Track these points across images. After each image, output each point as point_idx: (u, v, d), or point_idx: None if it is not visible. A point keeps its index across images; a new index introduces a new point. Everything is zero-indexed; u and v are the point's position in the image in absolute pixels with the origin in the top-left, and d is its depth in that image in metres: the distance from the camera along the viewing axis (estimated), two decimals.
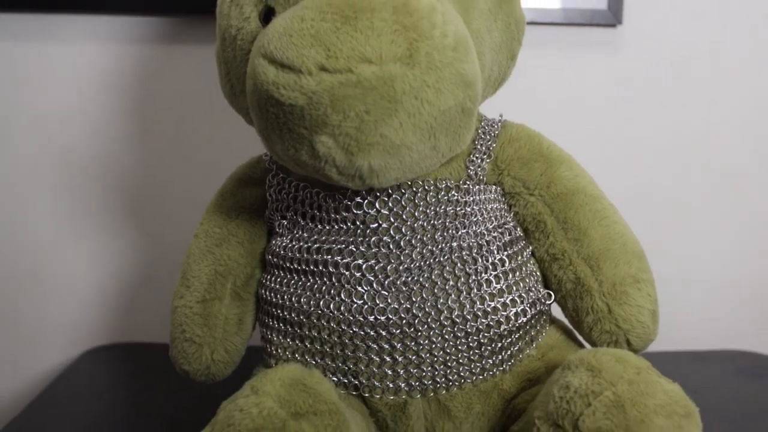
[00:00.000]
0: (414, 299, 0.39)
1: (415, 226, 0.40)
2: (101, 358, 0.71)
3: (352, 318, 0.39)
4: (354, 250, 0.40)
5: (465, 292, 0.39)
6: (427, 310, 0.38)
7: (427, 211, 0.40)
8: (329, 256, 0.40)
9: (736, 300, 0.75)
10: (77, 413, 0.59)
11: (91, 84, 0.70)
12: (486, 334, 0.39)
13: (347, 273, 0.39)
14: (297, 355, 0.42)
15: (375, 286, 0.39)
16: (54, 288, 0.74)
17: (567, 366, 0.35)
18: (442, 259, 0.39)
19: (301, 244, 0.41)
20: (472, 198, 0.41)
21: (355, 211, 0.40)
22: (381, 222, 0.40)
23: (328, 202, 0.41)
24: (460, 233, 0.40)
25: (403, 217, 0.40)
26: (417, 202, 0.40)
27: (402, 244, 0.39)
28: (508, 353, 0.41)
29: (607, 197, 0.44)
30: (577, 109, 0.71)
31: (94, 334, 0.75)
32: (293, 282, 0.41)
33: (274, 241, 0.44)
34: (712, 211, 0.73)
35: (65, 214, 0.73)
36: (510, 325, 0.40)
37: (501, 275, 0.40)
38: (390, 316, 0.38)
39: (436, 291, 0.39)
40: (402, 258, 0.39)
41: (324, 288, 0.40)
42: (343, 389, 0.41)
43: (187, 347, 0.45)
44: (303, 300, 0.40)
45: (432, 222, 0.40)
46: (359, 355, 0.39)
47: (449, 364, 0.39)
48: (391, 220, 0.40)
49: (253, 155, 0.48)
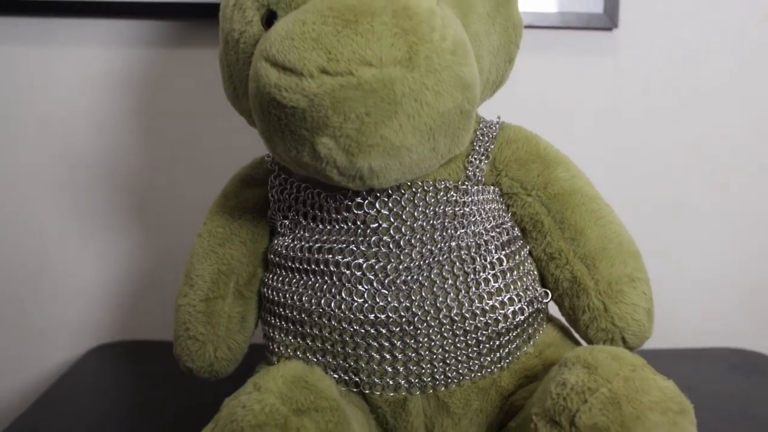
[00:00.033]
0: (413, 298, 0.39)
1: (415, 225, 0.40)
2: (106, 356, 0.71)
3: (352, 316, 0.39)
4: (354, 249, 0.40)
5: (463, 291, 0.39)
6: (426, 308, 0.38)
7: (427, 211, 0.40)
8: (330, 256, 0.40)
9: (729, 299, 0.75)
10: (83, 410, 0.60)
11: (96, 87, 0.70)
12: (484, 332, 0.39)
13: (348, 272, 0.39)
14: (299, 353, 0.42)
15: (375, 284, 0.39)
16: (59, 287, 0.74)
17: (564, 363, 0.35)
18: (441, 258, 0.39)
19: (303, 243, 0.41)
20: (470, 198, 0.41)
21: (355, 211, 0.40)
22: (381, 222, 0.40)
23: (329, 203, 0.41)
24: (458, 233, 0.40)
25: (403, 217, 0.40)
26: (416, 202, 0.40)
27: (402, 243, 0.39)
28: (506, 351, 0.41)
29: (603, 198, 0.44)
30: (573, 110, 0.71)
31: (99, 332, 0.75)
32: (295, 281, 0.41)
33: (276, 241, 0.44)
34: (706, 211, 0.73)
35: (71, 215, 0.73)
36: (508, 323, 0.40)
37: (499, 274, 0.40)
38: (390, 315, 0.38)
39: (435, 290, 0.39)
40: (402, 257, 0.39)
41: (325, 287, 0.40)
42: (344, 386, 0.41)
43: (191, 345, 0.45)
44: (304, 298, 0.40)
45: (431, 222, 0.40)
46: (360, 352, 0.39)
47: (448, 362, 0.39)
48: (391, 220, 0.40)
49: (256, 156, 0.48)
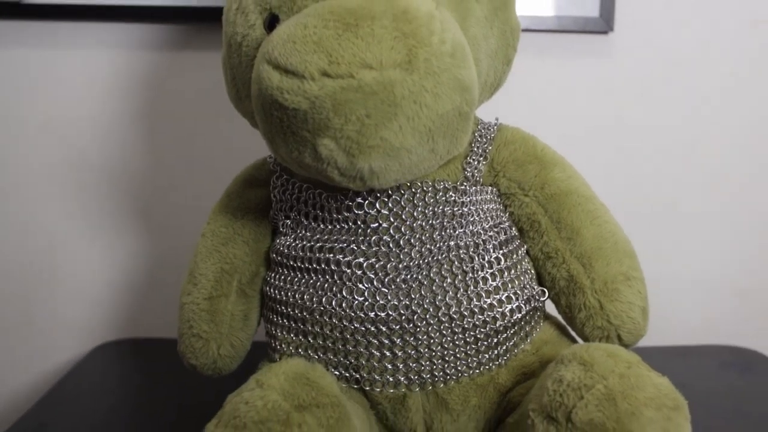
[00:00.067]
0: (413, 296, 0.39)
1: (414, 225, 0.40)
2: (111, 354, 0.71)
3: (353, 314, 0.39)
4: (355, 248, 0.40)
5: (462, 290, 0.39)
6: (425, 306, 0.38)
7: (426, 211, 0.40)
8: (331, 255, 0.40)
9: (723, 297, 0.75)
10: (88, 406, 0.60)
11: (100, 89, 0.70)
12: (482, 330, 0.39)
13: (349, 271, 0.39)
14: (300, 350, 0.42)
15: (375, 283, 0.39)
16: (65, 286, 0.74)
17: (560, 360, 0.35)
18: (440, 257, 0.39)
19: (304, 243, 0.41)
20: (468, 198, 0.41)
21: (356, 211, 0.40)
22: (381, 222, 0.40)
23: (330, 203, 0.41)
24: (457, 232, 0.40)
25: (403, 217, 0.40)
26: (416, 202, 0.40)
27: (401, 243, 0.39)
28: (504, 348, 0.41)
29: (599, 198, 0.44)
30: (570, 112, 0.71)
31: (104, 330, 0.75)
32: (297, 280, 0.41)
33: (278, 240, 0.44)
34: (700, 211, 0.73)
35: (77, 216, 0.73)
36: (505, 321, 0.40)
37: (497, 273, 0.40)
38: (390, 313, 0.38)
39: (434, 288, 0.39)
40: (401, 256, 0.39)
41: (326, 285, 0.40)
42: (344, 383, 0.41)
43: (195, 342, 0.45)
44: (306, 297, 0.40)
45: (430, 222, 0.40)
46: (360, 349, 0.39)
47: (447, 359, 0.39)
48: (391, 220, 0.40)
49: (258, 157, 0.48)
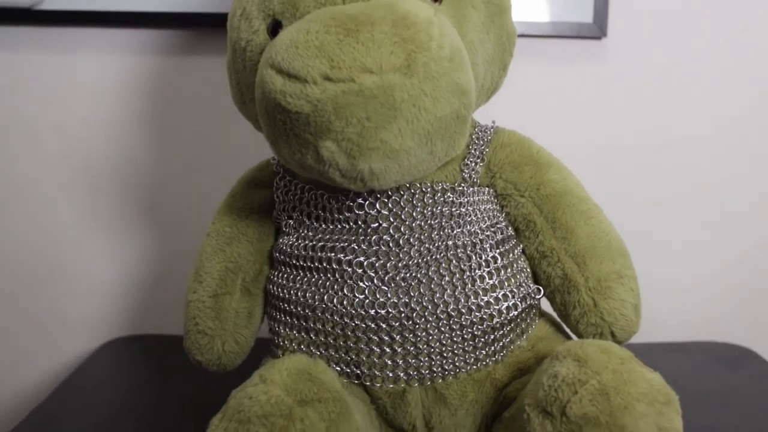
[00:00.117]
0: (412, 294, 0.39)
1: (413, 225, 0.40)
2: (120, 350, 0.71)
3: (354, 312, 0.39)
4: (356, 248, 0.40)
5: (460, 288, 0.39)
6: (424, 304, 0.38)
7: (425, 211, 0.40)
8: (333, 254, 0.40)
9: (714, 294, 0.75)
10: (97, 400, 0.60)
11: (110, 93, 0.70)
12: (479, 327, 0.39)
13: (350, 269, 0.39)
14: (303, 347, 0.42)
15: (375, 281, 0.39)
16: (75, 283, 0.74)
17: (555, 356, 0.35)
18: (438, 256, 0.39)
19: (307, 242, 0.41)
20: (466, 199, 0.41)
21: (356, 211, 0.40)
22: (381, 222, 0.40)
23: (332, 203, 0.41)
24: (455, 232, 0.40)
25: (402, 217, 0.40)
26: (415, 203, 0.40)
27: (401, 242, 0.39)
28: (500, 344, 0.41)
29: (592, 199, 0.44)
30: (564, 116, 0.71)
31: (112, 326, 0.75)
32: (299, 278, 0.41)
33: (281, 240, 0.44)
34: (690, 210, 0.73)
35: (86, 215, 0.73)
36: (502, 318, 0.40)
37: (493, 271, 0.40)
38: (390, 310, 0.38)
39: (432, 286, 0.39)
40: (401, 255, 0.39)
41: (328, 284, 0.40)
42: (345, 378, 0.41)
43: (200, 339, 0.45)
44: (308, 295, 0.40)
45: (429, 222, 0.40)
46: (361, 346, 0.39)
47: (445, 355, 0.39)
48: (391, 220, 0.40)
49: (262, 159, 0.48)
